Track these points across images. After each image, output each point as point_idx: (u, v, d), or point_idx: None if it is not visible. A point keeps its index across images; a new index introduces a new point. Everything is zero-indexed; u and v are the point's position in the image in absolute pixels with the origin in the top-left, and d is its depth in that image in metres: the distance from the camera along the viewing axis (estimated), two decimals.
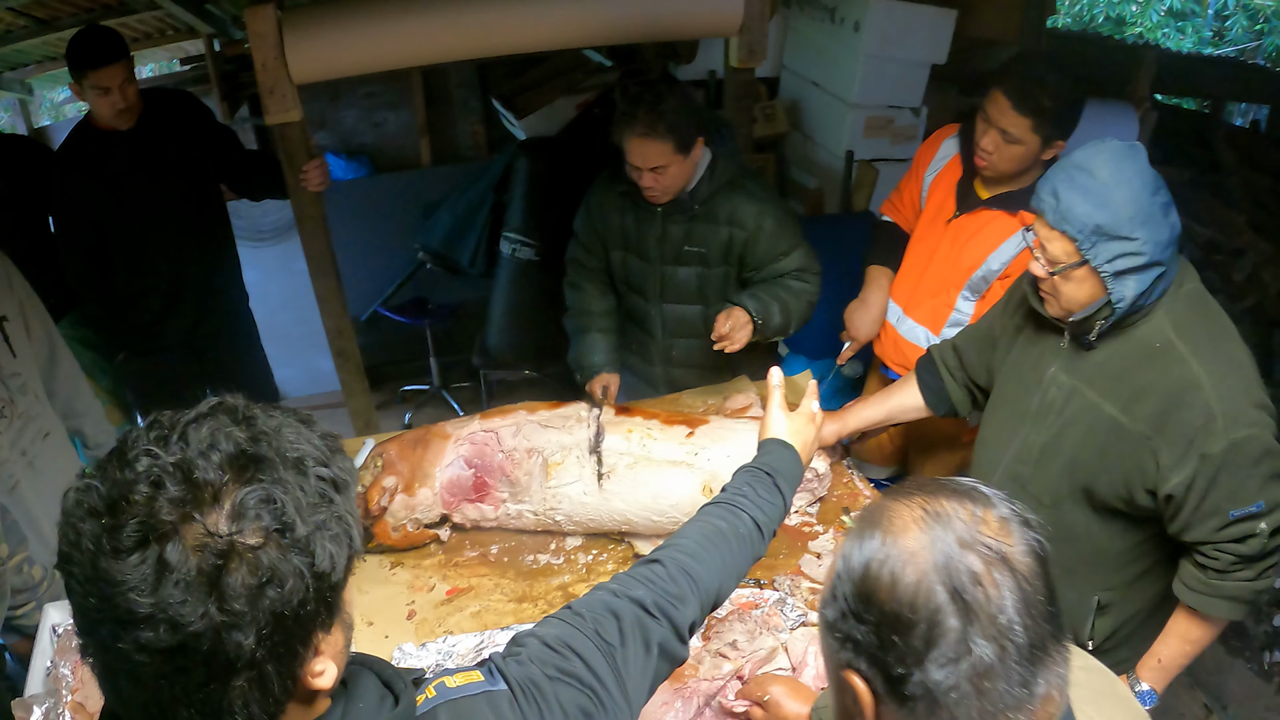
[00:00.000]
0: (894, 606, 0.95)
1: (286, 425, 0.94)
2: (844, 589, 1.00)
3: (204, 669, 0.84)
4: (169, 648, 0.82)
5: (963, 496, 1.01)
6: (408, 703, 1.05)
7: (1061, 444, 2.12)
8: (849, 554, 1.02)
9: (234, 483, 0.86)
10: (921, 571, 0.95)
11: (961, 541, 0.96)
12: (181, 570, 0.81)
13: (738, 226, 2.89)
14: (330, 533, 0.90)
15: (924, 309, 2.90)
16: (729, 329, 2.79)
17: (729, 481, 1.69)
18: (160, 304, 3.54)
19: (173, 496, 0.83)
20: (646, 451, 2.43)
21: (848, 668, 1.00)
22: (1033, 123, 2.47)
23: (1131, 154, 1.88)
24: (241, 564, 0.83)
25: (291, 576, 0.86)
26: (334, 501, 0.92)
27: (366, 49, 2.68)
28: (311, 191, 3.00)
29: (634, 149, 2.68)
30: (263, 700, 0.89)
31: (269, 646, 0.86)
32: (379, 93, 5.27)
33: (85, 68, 3.12)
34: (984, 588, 0.94)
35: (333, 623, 0.94)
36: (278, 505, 0.86)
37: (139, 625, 0.81)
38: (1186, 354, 1.92)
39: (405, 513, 2.45)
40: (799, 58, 4.33)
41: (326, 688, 0.95)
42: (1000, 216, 2.67)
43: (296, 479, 0.89)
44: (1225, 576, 1.99)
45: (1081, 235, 1.86)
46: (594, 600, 1.32)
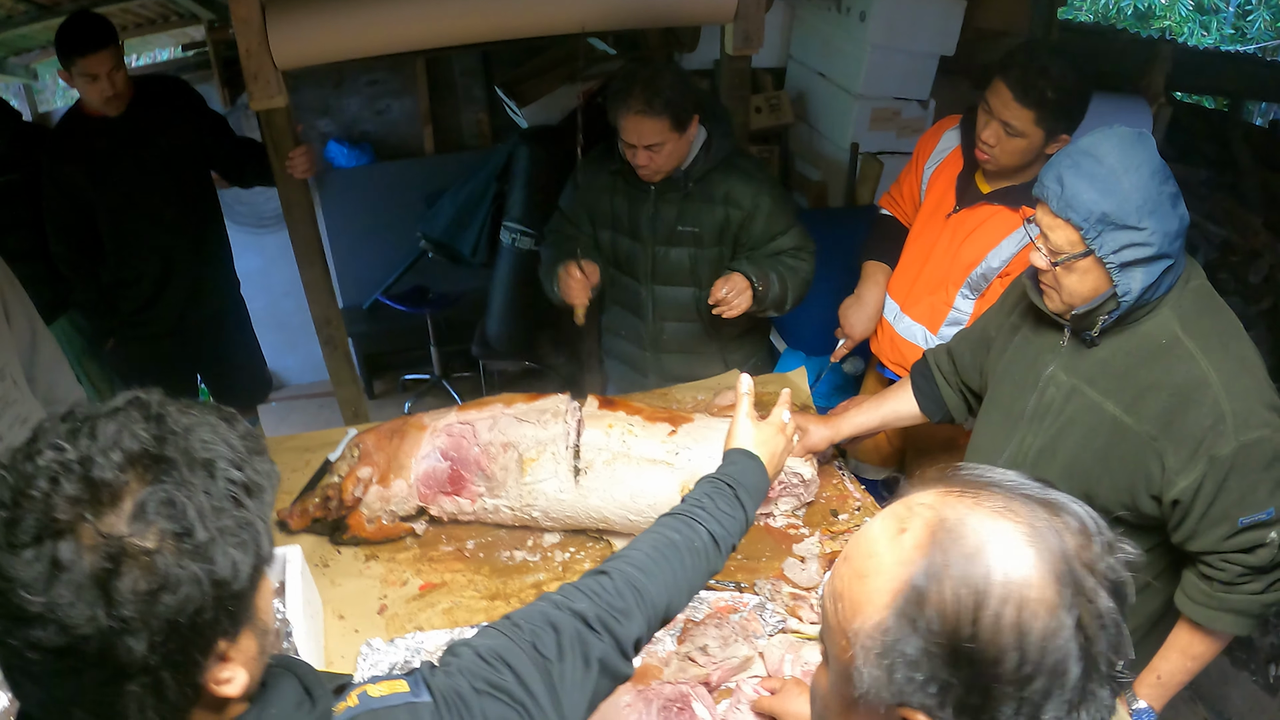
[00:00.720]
0: (1018, 656, 0.79)
1: (202, 425, 0.91)
2: (935, 620, 0.81)
3: (95, 671, 0.82)
4: (58, 648, 0.80)
5: (1056, 506, 0.85)
6: (324, 709, 1.02)
7: (1059, 446, 2.02)
8: (939, 576, 0.81)
9: (135, 483, 0.84)
10: (1051, 609, 0.79)
11: (1085, 569, 0.81)
12: (73, 571, 0.79)
13: (734, 206, 2.84)
14: (235, 539, 0.87)
15: (922, 307, 2.82)
16: (727, 293, 2.74)
17: (690, 491, 1.63)
18: (149, 290, 3.54)
19: (69, 495, 0.81)
20: (626, 448, 2.37)
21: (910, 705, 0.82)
22: (1035, 115, 2.38)
23: (1140, 141, 1.80)
24: (134, 568, 0.81)
25: (187, 583, 0.83)
26: (244, 506, 0.89)
27: (350, 35, 2.65)
28: (298, 178, 2.97)
29: (630, 126, 2.64)
30: (159, 706, 0.86)
31: (163, 654, 0.83)
32: (383, 80, 5.24)
33: (73, 54, 3.12)
34: (1104, 626, 0.80)
35: (239, 630, 0.91)
36: (178, 508, 0.84)
37: (30, 624, 0.79)
38: (1195, 351, 1.83)
39: (380, 504, 2.40)
40: (805, 48, 4.26)
41: (234, 695, 0.93)
42: (1001, 212, 2.59)
43: (203, 481, 0.87)
44: (1232, 589, 1.90)
45: (1087, 224, 1.77)
46: (534, 612, 1.28)
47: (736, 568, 2.36)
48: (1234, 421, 1.78)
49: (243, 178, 3.64)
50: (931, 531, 0.84)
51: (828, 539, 2.44)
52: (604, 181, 2.95)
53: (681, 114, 2.64)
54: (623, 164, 2.83)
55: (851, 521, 2.51)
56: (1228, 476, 1.80)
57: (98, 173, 3.30)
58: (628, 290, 3.08)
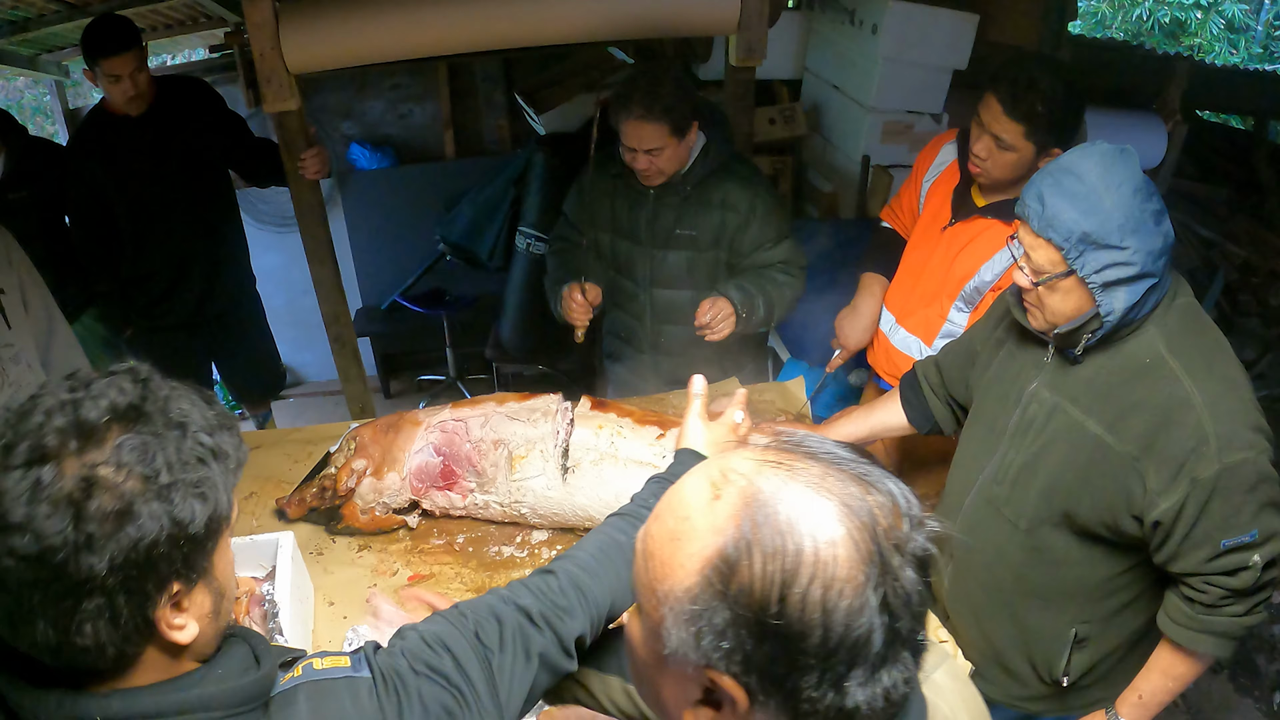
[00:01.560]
0: (821, 634, 0.80)
1: (182, 397, 1.03)
2: (743, 594, 0.81)
3: (58, 584, 0.92)
4: (30, 556, 0.90)
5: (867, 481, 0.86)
6: (265, 673, 1.09)
7: (1041, 464, 2.00)
8: (749, 550, 0.82)
9: (116, 429, 0.96)
10: (857, 587, 0.80)
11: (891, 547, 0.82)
12: (52, 490, 0.91)
13: (730, 210, 2.88)
14: (196, 491, 0.98)
15: (917, 319, 2.83)
16: (710, 319, 2.78)
17: (637, 491, 1.64)
18: (165, 284, 3.64)
19: (58, 427, 0.94)
20: (614, 449, 2.41)
21: (716, 669, 0.83)
22: (1025, 129, 2.37)
23: (1122, 157, 1.78)
24: (104, 495, 0.92)
25: (147, 516, 0.94)
26: (208, 465, 1.00)
27: (361, 41, 2.70)
28: (309, 179, 3.03)
29: (630, 130, 2.69)
30: (112, 631, 0.96)
31: (120, 578, 0.93)
32: (405, 84, 5.31)
33: (98, 55, 3.22)
34: (909, 600, 0.83)
35: (195, 580, 1.01)
36: (149, 454, 0.95)
37: (10, 532, 0.90)
38: (1179, 371, 1.81)
39: (374, 496, 2.46)
40: (820, 60, 4.28)
41: (184, 642, 1.02)
42: (995, 225, 2.58)
43: (175, 439, 0.98)
44: (1214, 611, 1.88)
45: (1068, 244, 1.76)
46: (480, 603, 1.33)
47: None
48: (1217, 443, 1.76)
49: (260, 178, 3.72)
50: (746, 502, 0.84)
51: None
52: (605, 185, 2.99)
53: (681, 120, 2.69)
54: (623, 168, 2.87)
55: None
56: (1210, 499, 1.78)
57: (118, 169, 3.41)
58: (626, 293, 3.12)
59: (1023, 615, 2.16)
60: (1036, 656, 2.18)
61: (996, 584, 2.17)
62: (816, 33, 4.27)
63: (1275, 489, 1.81)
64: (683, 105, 2.68)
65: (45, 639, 0.95)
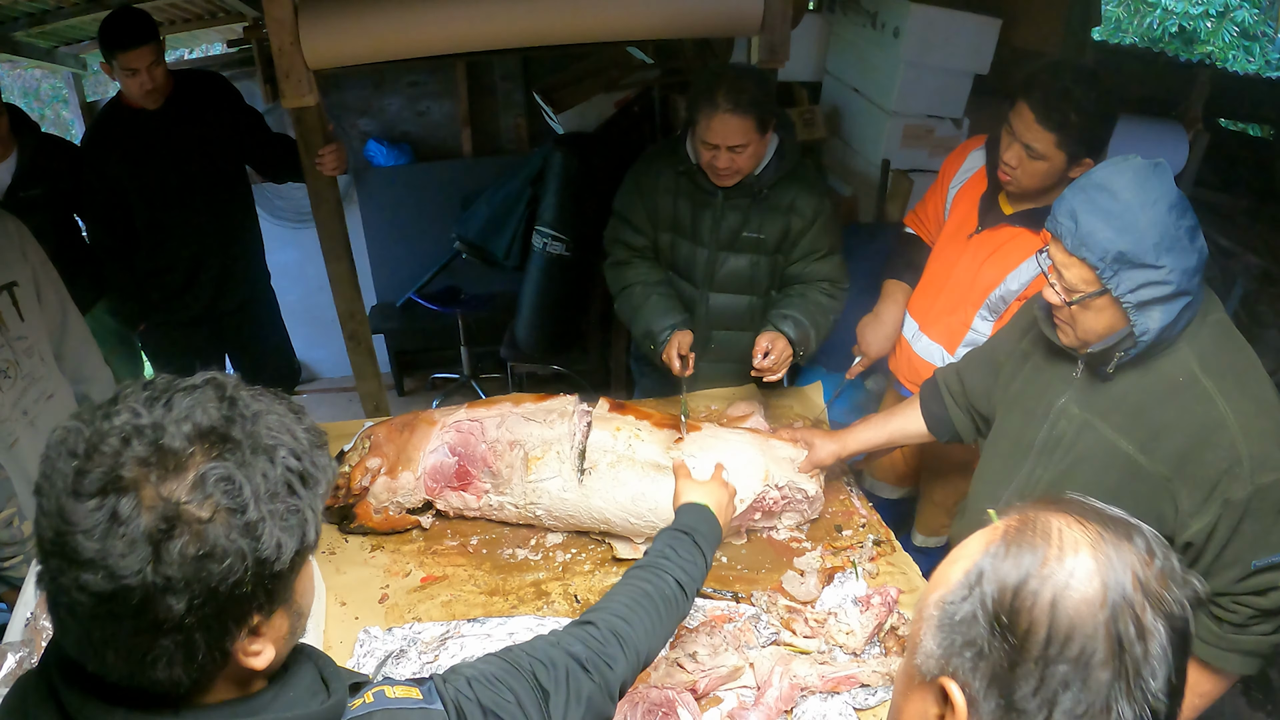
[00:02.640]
0: (1045, 634, 0.85)
1: (271, 412, 0.96)
2: (988, 591, 0.88)
3: (133, 621, 0.87)
4: (103, 593, 0.85)
5: (1132, 530, 0.92)
6: (338, 700, 1.06)
7: (1070, 482, 1.97)
8: (1003, 556, 0.89)
9: (200, 456, 0.89)
10: (1090, 605, 0.85)
11: (1137, 584, 0.86)
12: (130, 526, 0.85)
13: (797, 215, 2.82)
14: (284, 523, 0.92)
15: (940, 327, 2.80)
16: (772, 363, 2.73)
17: (651, 545, 1.76)
18: (181, 279, 3.64)
19: (138, 455, 0.87)
20: (631, 452, 2.39)
21: (949, 675, 0.90)
22: (1057, 138, 2.33)
23: (1156, 173, 1.75)
24: (186, 532, 0.86)
25: (233, 556, 0.88)
26: (297, 494, 0.94)
27: (381, 37, 2.68)
28: (327, 175, 3.02)
29: (715, 126, 2.59)
30: (187, 665, 0.91)
31: (199, 616, 0.88)
32: (423, 82, 5.31)
33: (115, 49, 3.22)
34: (1146, 645, 0.85)
35: (274, 608, 0.97)
36: (235, 485, 0.89)
37: (82, 567, 0.85)
38: (1212, 391, 1.78)
39: (387, 495, 2.44)
40: (841, 63, 4.25)
41: (260, 668, 0.98)
42: (1022, 234, 2.55)
43: (263, 465, 0.92)
44: (1243, 630, 1.86)
45: (1102, 263, 1.72)
46: (534, 646, 1.37)
47: (735, 578, 2.37)
48: (1250, 464, 1.74)
49: (276, 173, 3.72)
50: (1011, 526, 0.93)
51: (829, 554, 2.43)
52: (667, 182, 2.88)
53: (766, 115, 2.62)
54: (689, 165, 2.79)
55: (854, 538, 2.50)
56: (1242, 520, 1.76)
57: (135, 163, 3.41)
58: (683, 294, 3.02)
59: None
60: None
61: None
62: (837, 35, 4.23)
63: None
64: (767, 100, 2.62)
65: (116, 669, 0.91)
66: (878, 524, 2.58)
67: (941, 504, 3.11)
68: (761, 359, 2.74)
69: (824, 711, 1.97)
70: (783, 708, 1.96)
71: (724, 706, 1.99)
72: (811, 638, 2.14)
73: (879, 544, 2.48)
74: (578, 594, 2.30)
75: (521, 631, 2.13)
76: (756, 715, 1.93)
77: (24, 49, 4.64)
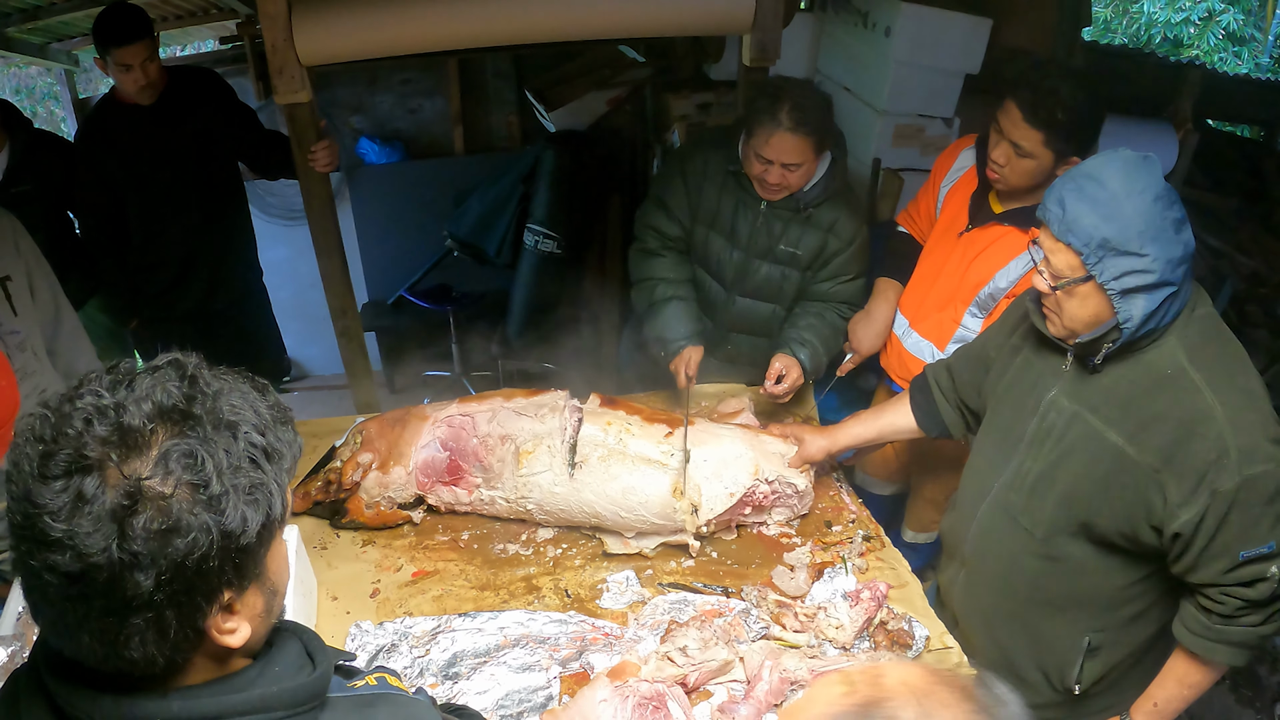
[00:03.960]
0: None
1: (233, 391, 0.97)
2: None
3: (103, 601, 0.88)
4: (72, 573, 0.86)
5: None
6: (323, 673, 1.06)
7: (1059, 473, 2.00)
8: None
9: (162, 433, 0.90)
10: None
11: None
12: (95, 504, 0.86)
13: (835, 235, 2.81)
14: (249, 497, 0.93)
15: (930, 323, 2.82)
16: (784, 390, 2.76)
17: None
18: (172, 275, 3.64)
19: (100, 435, 0.88)
20: (622, 446, 2.40)
21: None
22: (1044, 136, 2.36)
23: (1144, 165, 1.78)
24: (149, 508, 0.87)
25: (197, 530, 0.89)
26: (261, 468, 0.95)
27: (374, 34, 2.69)
28: (319, 172, 3.02)
29: (774, 142, 2.56)
30: (160, 643, 0.92)
31: (168, 593, 0.89)
32: (415, 80, 5.30)
33: (109, 44, 3.23)
34: None
35: (246, 584, 0.97)
36: (198, 461, 0.90)
37: (50, 548, 0.86)
38: (1200, 383, 1.81)
39: (379, 490, 2.45)
40: (832, 62, 4.25)
41: (236, 646, 0.98)
42: (1011, 233, 2.57)
43: (226, 441, 0.92)
44: (1231, 622, 1.88)
45: (1087, 249, 1.76)
46: None
47: (725, 573, 2.38)
48: (1238, 456, 1.76)
49: (269, 170, 3.72)
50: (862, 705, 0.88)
51: (819, 549, 2.45)
52: (717, 178, 2.81)
53: (824, 137, 2.61)
54: (740, 167, 2.74)
55: (844, 534, 2.52)
56: (1230, 510, 1.78)
57: (127, 159, 3.41)
58: (708, 293, 3.00)
59: (1035, 623, 2.15)
60: (1049, 665, 2.17)
61: (1010, 592, 2.16)
62: (829, 35, 4.24)
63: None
64: (828, 122, 2.61)
65: (91, 651, 0.92)
66: (867, 520, 2.59)
67: (932, 500, 3.13)
68: (774, 384, 2.76)
69: None
70: (773, 701, 1.97)
71: (714, 700, 2.00)
72: (801, 632, 2.15)
73: (868, 539, 2.49)
74: (568, 589, 2.31)
75: (512, 625, 2.14)
76: (746, 709, 1.94)
77: (16, 45, 4.63)
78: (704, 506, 2.37)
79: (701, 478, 2.38)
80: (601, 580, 2.34)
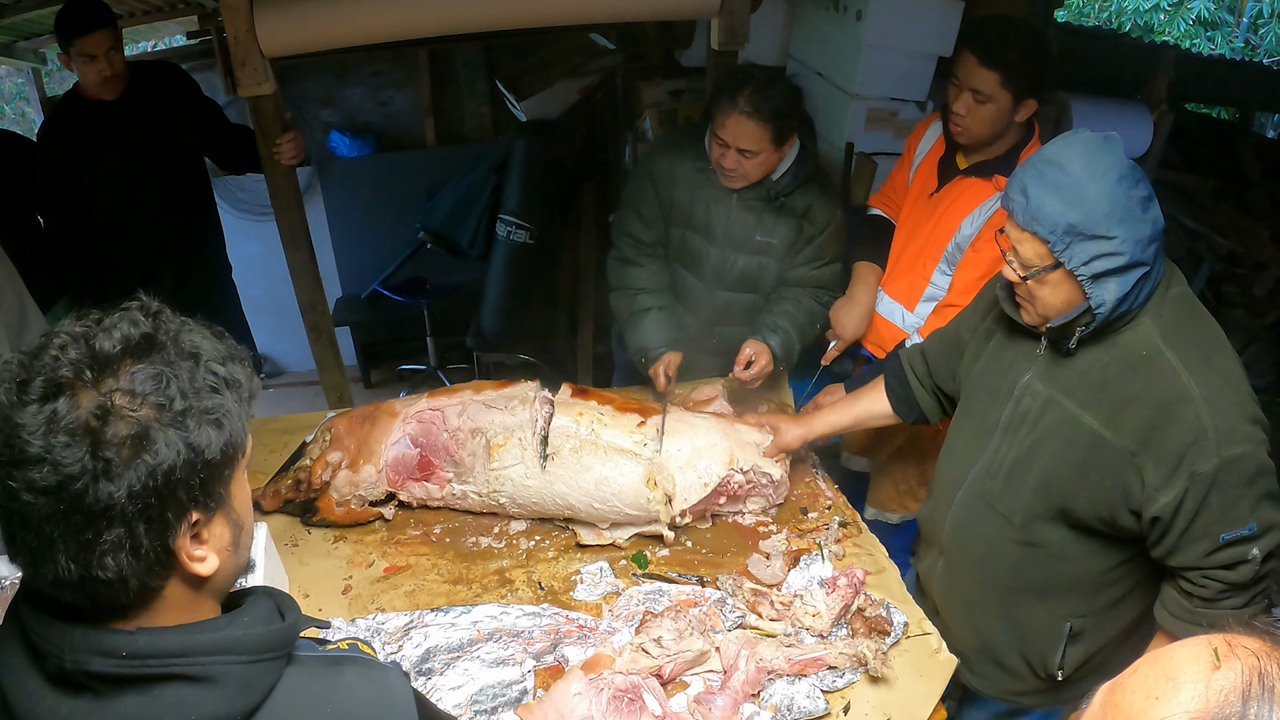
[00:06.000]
0: None
1: (193, 331, 1.05)
2: None
3: (79, 515, 0.93)
4: (50, 487, 0.92)
5: None
6: (291, 623, 1.11)
7: (1035, 458, 1.97)
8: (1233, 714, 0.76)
9: (129, 359, 0.97)
10: None
11: None
12: (68, 419, 0.92)
13: (810, 222, 2.81)
14: (210, 417, 0.99)
15: (900, 284, 2.84)
16: (752, 376, 2.79)
17: None
18: (140, 272, 3.59)
19: (73, 359, 0.95)
20: (594, 436, 2.37)
21: None
22: (1000, 76, 2.44)
23: (1106, 145, 1.75)
24: (119, 421, 0.93)
25: (163, 443, 0.95)
26: (220, 394, 1.01)
27: (337, 24, 2.66)
28: (285, 165, 2.98)
29: (730, 125, 2.56)
30: (133, 562, 0.97)
31: (139, 505, 0.94)
32: (386, 71, 5.26)
33: (72, 35, 3.18)
34: None
35: (213, 509, 1.03)
36: (163, 382, 0.96)
37: (29, 465, 0.92)
38: (1176, 364, 1.78)
39: (350, 489, 2.42)
40: (804, 47, 4.22)
41: (205, 574, 1.04)
42: (976, 184, 2.62)
43: (188, 367, 0.99)
44: (1213, 605, 1.85)
45: (1054, 236, 1.73)
46: None
47: (700, 562, 2.36)
48: (1216, 437, 1.73)
49: (235, 164, 3.67)
50: (1250, 679, 0.78)
51: (795, 536, 2.43)
52: (686, 177, 2.81)
53: (784, 130, 2.59)
54: (708, 163, 2.74)
55: (820, 520, 2.50)
56: (1209, 492, 1.75)
57: (91, 155, 3.36)
58: (687, 288, 2.99)
59: (1016, 610, 2.14)
60: (1030, 651, 2.16)
61: (989, 578, 2.14)
62: (801, 19, 4.21)
63: (1273, 481, 1.79)
64: (791, 115, 2.59)
65: (67, 573, 0.95)
66: (843, 506, 2.58)
67: (889, 476, 3.11)
68: (743, 369, 2.78)
69: (791, 694, 1.97)
70: (750, 691, 1.95)
71: (690, 691, 1.98)
72: (778, 620, 2.13)
73: (845, 526, 2.48)
74: (541, 581, 2.29)
75: (485, 619, 2.11)
76: (723, 699, 1.92)
77: None
78: (678, 497, 2.34)
79: (675, 467, 2.36)
80: (575, 572, 2.31)
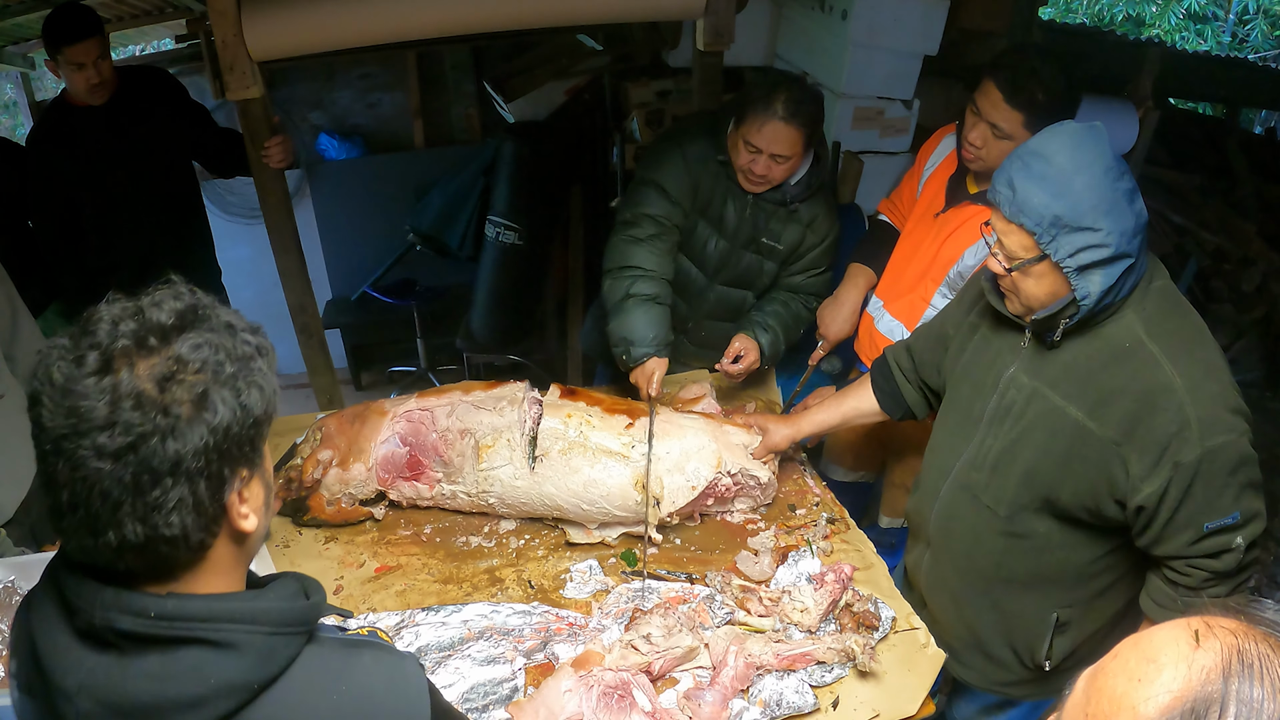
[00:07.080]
0: None
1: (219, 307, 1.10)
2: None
3: (148, 475, 0.98)
4: (120, 449, 0.96)
5: None
6: (315, 602, 1.16)
7: (1020, 450, 1.99)
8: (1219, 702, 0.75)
9: (178, 329, 1.02)
10: None
11: None
12: (131, 386, 0.97)
13: (813, 231, 2.84)
14: (253, 380, 1.06)
15: (902, 304, 2.82)
16: (740, 371, 2.82)
17: None
18: (130, 278, 3.55)
19: (129, 330, 1.00)
20: (583, 438, 2.38)
21: None
22: (1024, 118, 2.34)
23: (1091, 136, 1.76)
24: (179, 386, 0.99)
25: (221, 404, 1.01)
26: (256, 361, 1.07)
27: (325, 27, 2.66)
28: (274, 168, 2.99)
29: (766, 132, 2.56)
30: (195, 519, 1.03)
31: (201, 462, 1.00)
32: (374, 74, 5.26)
33: (60, 43, 3.18)
34: None
35: (255, 469, 1.09)
36: (215, 349, 1.03)
37: (98, 432, 0.96)
38: (1159, 355, 1.80)
39: (340, 487, 2.42)
40: (791, 47, 4.24)
41: (249, 531, 1.10)
42: (984, 212, 2.53)
43: (228, 337, 1.05)
44: (1198, 593, 1.87)
45: (1040, 228, 1.74)
46: None
47: (689, 559, 2.37)
48: (1199, 427, 1.75)
49: (224, 168, 3.68)
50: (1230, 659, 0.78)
51: (783, 533, 2.44)
52: (711, 166, 2.78)
53: (815, 133, 2.62)
54: (728, 157, 2.73)
55: (808, 517, 2.51)
56: (1193, 482, 1.77)
57: (81, 161, 3.36)
58: (687, 277, 2.96)
59: (1003, 601, 2.15)
60: (1018, 641, 2.17)
61: (976, 570, 2.16)
62: (786, 19, 4.22)
63: (1255, 470, 1.81)
64: (820, 118, 2.62)
65: (134, 535, 1.00)
66: (831, 502, 2.59)
67: (902, 485, 3.13)
68: (731, 363, 2.80)
69: (780, 690, 1.98)
70: (739, 687, 1.96)
71: (680, 687, 1.99)
72: (766, 616, 2.14)
73: (832, 522, 2.49)
74: (531, 579, 2.30)
75: (476, 618, 2.12)
76: (713, 695, 1.93)
77: None
78: (665, 499, 2.35)
79: (663, 470, 2.37)
80: (565, 570, 2.32)
